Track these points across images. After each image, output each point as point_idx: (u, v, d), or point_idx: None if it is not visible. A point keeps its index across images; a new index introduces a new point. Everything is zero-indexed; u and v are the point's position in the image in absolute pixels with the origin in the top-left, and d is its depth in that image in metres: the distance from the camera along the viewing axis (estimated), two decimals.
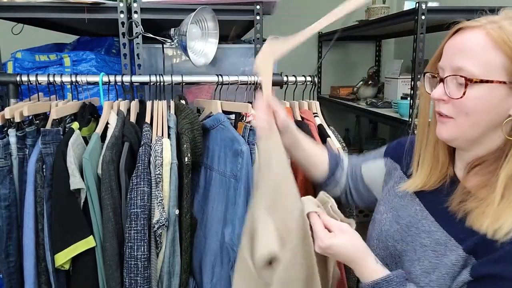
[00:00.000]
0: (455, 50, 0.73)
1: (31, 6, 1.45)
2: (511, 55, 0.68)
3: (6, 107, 1.29)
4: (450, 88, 0.73)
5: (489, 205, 0.70)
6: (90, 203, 1.18)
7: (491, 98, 0.70)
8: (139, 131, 1.30)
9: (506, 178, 0.70)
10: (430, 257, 0.75)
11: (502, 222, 0.67)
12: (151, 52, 1.69)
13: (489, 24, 0.71)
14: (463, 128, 0.73)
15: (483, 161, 0.76)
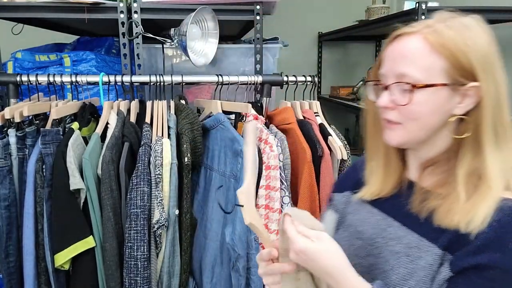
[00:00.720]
0: (396, 56, 0.74)
1: (31, 6, 1.45)
2: (450, 57, 0.70)
3: (6, 107, 1.29)
4: (395, 95, 0.73)
5: (454, 202, 0.70)
6: (90, 203, 1.18)
7: (436, 101, 0.72)
8: (139, 131, 1.30)
9: (465, 174, 0.71)
10: (405, 263, 0.73)
11: (472, 216, 0.67)
12: (151, 52, 1.69)
13: (425, 29, 0.72)
14: (412, 132, 0.74)
15: (436, 161, 0.77)
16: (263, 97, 1.50)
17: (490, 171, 0.70)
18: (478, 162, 0.71)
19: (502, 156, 0.72)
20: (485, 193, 0.69)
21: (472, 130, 0.71)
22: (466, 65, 0.70)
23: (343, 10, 2.89)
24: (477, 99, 0.71)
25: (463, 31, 0.73)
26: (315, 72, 3.03)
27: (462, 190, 0.70)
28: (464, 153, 0.72)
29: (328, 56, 3.06)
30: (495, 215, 0.67)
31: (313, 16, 2.95)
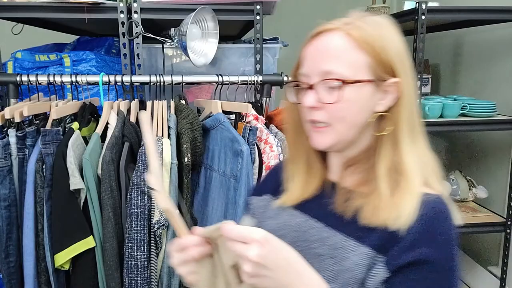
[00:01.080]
0: (319, 54, 0.72)
1: (31, 6, 1.45)
2: (372, 53, 0.70)
3: (6, 107, 1.29)
4: (321, 94, 0.71)
5: (379, 199, 0.69)
6: (90, 203, 1.18)
7: (362, 98, 0.71)
8: (139, 131, 1.30)
9: (385, 170, 0.71)
10: (330, 265, 0.71)
11: (398, 211, 0.67)
12: (151, 52, 1.69)
13: (345, 25, 0.71)
14: (341, 132, 0.73)
15: (357, 160, 0.76)
16: (263, 97, 1.50)
17: (408, 165, 0.70)
18: (396, 157, 0.71)
19: (417, 151, 0.73)
20: (407, 187, 0.69)
21: (391, 126, 0.72)
22: (387, 61, 0.71)
23: (343, 10, 2.89)
24: (396, 95, 0.72)
25: (379, 28, 0.72)
26: None
27: (385, 186, 0.70)
28: (384, 149, 0.72)
29: None
30: (421, 209, 0.67)
31: (312, 16, 2.95)
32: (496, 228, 1.82)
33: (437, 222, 0.67)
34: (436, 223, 0.67)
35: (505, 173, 1.92)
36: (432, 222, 0.67)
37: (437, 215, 0.68)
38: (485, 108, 1.77)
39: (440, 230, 0.67)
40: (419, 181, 0.70)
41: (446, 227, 0.68)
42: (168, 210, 0.68)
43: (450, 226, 0.68)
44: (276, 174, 0.90)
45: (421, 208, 0.67)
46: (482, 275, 2.01)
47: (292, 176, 0.84)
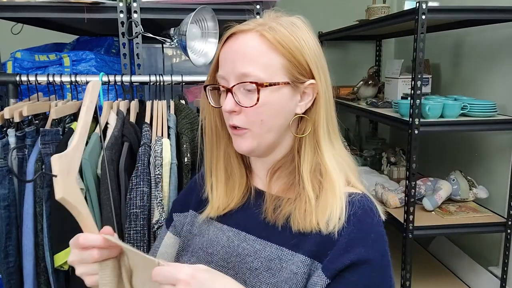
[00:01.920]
0: (235, 56, 0.70)
1: (31, 6, 1.45)
2: (287, 55, 0.69)
3: (6, 107, 1.29)
4: (239, 97, 0.70)
5: (306, 203, 0.69)
6: (89, 203, 1.17)
7: (280, 100, 0.70)
8: (138, 131, 1.30)
9: (309, 173, 0.70)
10: (267, 278, 0.68)
11: (328, 214, 0.67)
12: (151, 52, 1.69)
13: (259, 26, 0.70)
14: (260, 136, 0.71)
15: (281, 164, 0.75)
16: None
17: (330, 166, 0.71)
18: (318, 159, 0.71)
19: (335, 151, 0.74)
20: (331, 188, 0.69)
21: (311, 128, 0.72)
22: (303, 63, 0.71)
23: (343, 9, 2.89)
24: (314, 96, 0.72)
25: (295, 29, 0.72)
26: None
27: (310, 189, 0.69)
28: (305, 152, 0.72)
29: (328, 56, 2.98)
30: (349, 210, 0.68)
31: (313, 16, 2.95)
32: (497, 228, 1.82)
33: (367, 220, 0.68)
34: (366, 222, 0.68)
35: (506, 173, 1.91)
36: (362, 222, 0.67)
37: (366, 213, 0.68)
38: (486, 108, 1.77)
39: (371, 228, 0.68)
40: (341, 180, 0.71)
41: (375, 224, 0.69)
42: (65, 200, 0.61)
43: (379, 222, 0.69)
44: (196, 187, 0.86)
45: (349, 209, 0.68)
46: (482, 275, 2.01)
47: (214, 186, 0.80)
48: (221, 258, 0.75)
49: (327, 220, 0.67)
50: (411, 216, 1.72)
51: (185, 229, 0.84)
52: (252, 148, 0.72)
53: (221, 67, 0.72)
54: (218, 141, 0.79)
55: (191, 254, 0.79)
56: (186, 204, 0.88)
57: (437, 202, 1.87)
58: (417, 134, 1.67)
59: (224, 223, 0.78)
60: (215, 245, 0.77)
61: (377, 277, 0.66)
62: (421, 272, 2.07)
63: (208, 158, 0.81)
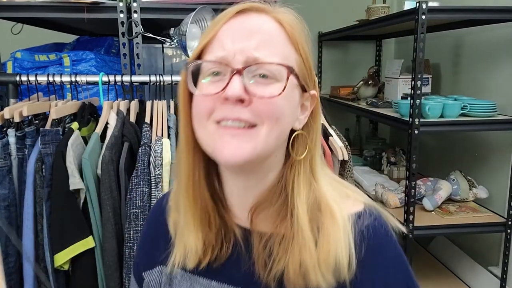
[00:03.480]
0: (248, 34, 0.53)
1: (31, 6, 1.45)
2: (303, 53, 0.56)
3: (6, 107, 1.29)
4: (249, 84, 0.52)
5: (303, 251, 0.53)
6: (89, 204, 1.17)
7: (293, 100, 0.56)
8: (138, 131, 1.30)
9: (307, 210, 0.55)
10: None
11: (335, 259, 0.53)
12: (151, 52, 1.69)
13: (274, 10, 0.56)
14: (269, 138, 0.53)
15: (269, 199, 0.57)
16: None
17: (327, 196, 0.57)
18: (315, 190, 0.57)
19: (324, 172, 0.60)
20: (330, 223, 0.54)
21: (307, 150, 0.57)
22: (311, 68, 0.58)
23: (343, 10, 2.89)
24: (311, 110, 0.59)
25: (304, 28, 0.59)
26: (315, 72, 3.02)
27: (309, 233, 0.53)
28: (301, 181, 0.56)
29: (328, 56, 3.06)
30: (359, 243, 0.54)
31: (313, 16, 2.95)
32: (497, 228, 1.82)
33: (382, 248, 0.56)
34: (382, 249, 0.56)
35: (506, 173, 1.91)
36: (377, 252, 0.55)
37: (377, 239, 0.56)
38: (486, 108, 1.77)
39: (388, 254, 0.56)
40: (341, 203, 0.57)
41: (392, 247, 0.57)
42: None
43: (393, 242, 0.57)
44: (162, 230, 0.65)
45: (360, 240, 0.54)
46: (482, 275, 2.01)
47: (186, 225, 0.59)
48: None
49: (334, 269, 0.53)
50: (411, 216, 1.72)
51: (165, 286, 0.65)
52: (255, 153, 0.53)
53: (220, 46, 0.54)
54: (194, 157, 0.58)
55: None
56: (153, 258, 0.67)
57: (437, 202, 1.87)
58: (417, 134, 1.67)
59: (212, 278, 0.60)
60: None
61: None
62: (421, 272, 2.07)
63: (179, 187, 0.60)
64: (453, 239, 2.29)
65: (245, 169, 0.56)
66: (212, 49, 0.54)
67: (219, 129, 0.53)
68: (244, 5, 0.55)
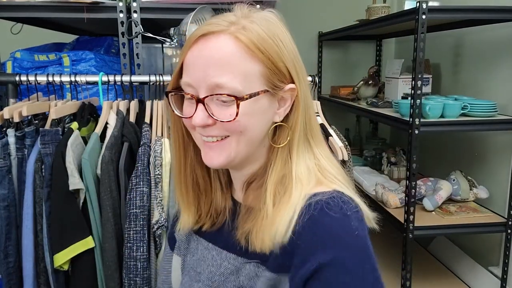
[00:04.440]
0: (206, 62, 0.61)
1: (31, 6, 1.45)
2: (266, 62, 0.62)
3: (5, 107, 1.28)
4: (212, 108, 0.62)
5: (263, 219, 0.63)
6: (89, 204, 1.17)
7: (260, 110, 0.64)
8: (138, 131, 1.30)
9: (273, 185, 0.65)
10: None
11: (275, 228, 0.61)
12: (151, 52, 1.69)
13: (232, 26, 0.62)
14: (238, 147, 0.65)
15: (256, 176, 0.70)
16: None
17: (293, 174, 0.65)
18: (286, 169, 0.66)
19: (311, 156, 0.68)
20: (286, 199, 0.63)
21: (288, 137, 0.66)
22: (283, 68, 0.64)
23: (343, 9, 2.89)
24: (292, 101, 0.66)
25: (271, 28, 0.64)
26: (315, 72, 3.03)
27: (270, 204, 0.64)
28: (276, 162, 0.66)
29: (328, 56, 3.05)
30: (304, 215, 0.61)
31: (313, 16, 2.95)
32: (497, 228, 1.82)
33: (324, 219, 0.60)
34: (324, 222, 0.60)
35: (506, 173, 1.91)
36: (318, 223, 0.60)
37: (323, 212, 0.60)
38: (486, 108, 1.77)
39: (329, 227, 0.59)
40: (305, 185, 0.64)
41: (337, 219, 0.60)
42: None
43: (344, 217, 0.60)
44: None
45: (305, 213, 0.61)
46: (482, 275, 2.01)
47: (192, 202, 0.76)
48: (207, 277, 0.73)
49: (273, 236, 0.61)
50: (411, 216, 1.72)
51: (184, 247, 0.82)
52: (226, 162, 0.66)
53: (188, 72, 0.63)
54: (185, 153, 0.73)
55: (185, 273, 0.78)
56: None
57: (438, 202, 1.87)
58: (417, 134, 1.66)
59: (210, 240, 0.76)
60: (202, 264, 0.75)
61: (346, 276, 0.57)
62: (421, 272, 2.07)
63: (176, 171, 0.75)
64: (454, 239, 2.29)
65: (229, 167, 0.70)
66: (184, 76, 0.64)
67: (203, 142, 0.67)
68: (203, 30, 0.62)
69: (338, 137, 1.36)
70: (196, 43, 0.62)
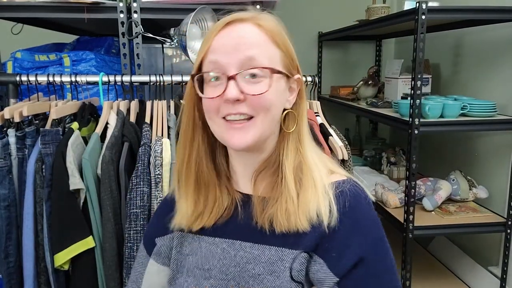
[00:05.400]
0: (236, 41, 0.67)
1: (31, 6, 1.45)
2: (283, 48, 0.70)
3: (6, 107, 1.29)
4: (242, 86, 0.66)
5: (287, 202, 0.68)
6: (89, 204, 1.17)
7: (280, 91, 0.70)
8: (138, 131, 1.30)
9: (292, 171, 0.69)
10: (271, 281, 0.67)
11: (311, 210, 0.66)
12: (151, 52, 1.69)
13: (253, 18, 0.69)
14: (264, 125, 0.68)
15: (266, 164, 0.72)
16: None
17: (310, 162, 0.71)
18: (300, 155, 0.71)
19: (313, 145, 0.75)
20: (312, 185, 0.68)
21: (295, 124, 0.72)
22: (293, 57, 0.72)
23: (343, 10, 2.89)
24: (297, 91, 0.74)
25: (278, 24, 0.72)
26: (315, 72, 3.03)
27: (293, 188, 0.68)
28: (288, 149, 0.71)
29: (328, 56, 3.06)
30: (340, 201, 0.67)
31: (313, 16, 2.95)
32: (497, 228, 1.82)
33: (360, 207, 0.68)
34: (359, 209, 0.68)
35: (506, 173, 1.91)
36: (355, 210, 0.68)
37: (357, 200, 0.68)
38: (486, 108, 1.77)
39: (365, 215, 0.68)
40: (324, 174, 0.71)
41: (368, 208, 0.69)
42: None
43: (370, 205, 0.70)
44: (171, 208, 0.80)
45: (339, 198, 0.68)
46: (482, 275, 2.01)
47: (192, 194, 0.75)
48: (219, 271, 0.72)
49: (310, 217, 0.66)
50: (411, 216, 1.72)
51: (175, 251, 0.80)
52: (255, 139, 0.68)
53: (216, 53, 0.68)
54: (192, 143, 0.74)
55: (187, 274, 0.76)
56: (165, 227, 0.81)
57: (437, 202, 1.87)
58: (417, 134, 1.67)
59: (216, 236, 0.75)
60: (211, 260, 0.74)
61: (382, 263, 0.66)
62: (421, 272, 2.07)
63: (179, 162, 0.77)
64: (453, 239, 2.29)
65: (250, 149, 0.70)
66: (209, 59, 0.68)
67: (226, 123, 0.68)
68: (230, 18, 0.69)
69: (338, 137, 1.36)
70: (223, 29, 0.68)
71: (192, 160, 0.74)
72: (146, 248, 0.85)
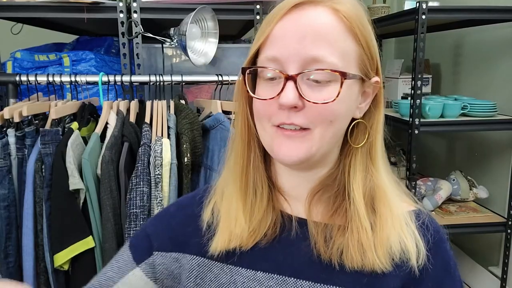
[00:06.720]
0: (302, 33, 0.51)
1: (31, 6, 1.45)
2: (363, 42, 0.54)
3: (5, 107, 1.29)
4: (303, 89, 0.52)
5: (360, 233, 0.54)
6: (89, 204, 1.17)
7: (351, 99, 0.54)
8: (138, 131, 1.30)
9: (362, 193, 0.56)
10: None
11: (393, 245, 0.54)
12: (151, 52, 1.68)
13: (331, 0, 0.53)
14: (322, 141, 0.53)
15: (325, 184, 0.58)
16: None
17: (383, 184, 0.57)
18: (371, 175, 0.57)
19: (387, 166, 0.60)
20: (388, 213, 0.55)
21: (366, 138, 0.57)
22: (374, 54, 0.56)
23: None
24: (372, 98, 0.58)
25: (361, 11, 0.56)
26: None
27: (365, 216, 0.54)
28: (356, 168, 0.57)
29: None
30: (425, 237, 0.56)
31: None
32: (497, 228, 1.82)
33: (443, 246, 0.58)
34: (443, 248, 0.58)
35: (506, 173, 1.91)
36: (441, 249, 0.57)
37: (440, 237, 0.58)
38: (486, 108, 1.77)
39: (448, 255, 0.58)
40: (399, 200, 0.59)
41: (448, 246, 0.59)
42: None
43: (448, 245, 0.60)
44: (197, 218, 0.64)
45: (424, 232, 0.56)
46: (482, 275, 2.01)
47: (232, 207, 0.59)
48: None
49: (393, 253, 0.54)
50: None
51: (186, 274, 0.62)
52: (306, 156, 0.53)
53: (276, 45, 0.52)
54: (249, 147, 0.60)
55: None
56: (179, 242, 0.64)
57: (437, 202, 1.87)
58: (417, 134, 1.67)
59: (256, 268, 0.58)
60: None
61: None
62: None
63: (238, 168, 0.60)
64: (453, 239, 2.28)
65: (304, 165, 0.56)
66: (267, 50, 0.54)
67: (277, 131, 0.54)
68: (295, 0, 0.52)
69: None
70: (288, 13, 0.52)
71: (251, 167, 0.60)
72: (134, 253, 0.67)
